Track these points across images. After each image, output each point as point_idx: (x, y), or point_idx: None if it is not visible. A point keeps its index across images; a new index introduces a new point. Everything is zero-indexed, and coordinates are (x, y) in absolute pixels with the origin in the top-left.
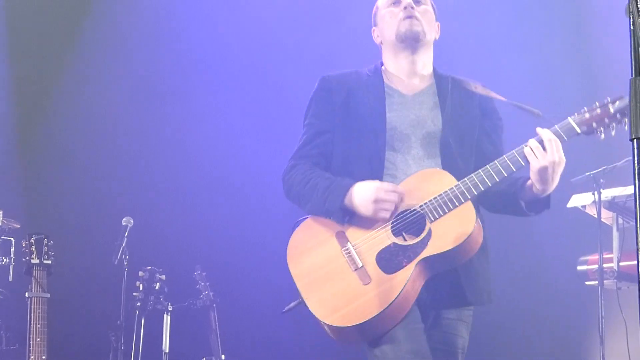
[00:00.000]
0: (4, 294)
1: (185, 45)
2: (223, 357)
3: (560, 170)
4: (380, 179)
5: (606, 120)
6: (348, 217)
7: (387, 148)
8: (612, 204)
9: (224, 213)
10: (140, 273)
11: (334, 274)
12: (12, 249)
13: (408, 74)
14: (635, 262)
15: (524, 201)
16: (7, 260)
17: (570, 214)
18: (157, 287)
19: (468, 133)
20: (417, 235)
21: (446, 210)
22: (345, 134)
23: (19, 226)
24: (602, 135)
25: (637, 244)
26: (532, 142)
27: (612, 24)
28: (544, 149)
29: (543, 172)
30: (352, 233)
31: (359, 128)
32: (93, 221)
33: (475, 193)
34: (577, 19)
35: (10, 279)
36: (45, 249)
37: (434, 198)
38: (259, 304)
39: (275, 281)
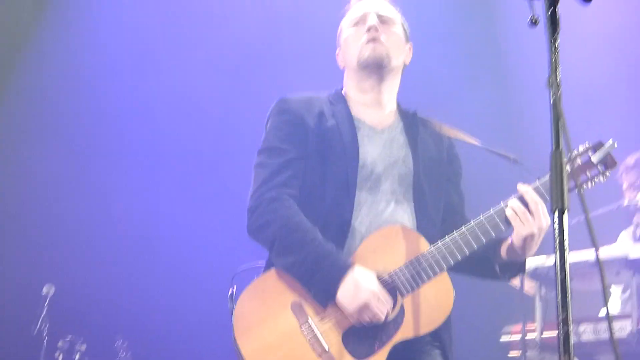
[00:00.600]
0: None
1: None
2: None
3: (543, 234)
4: (349, 223)
5: (587, 172)
6: (326, 299)
7: (357, 187)
8: (534, 274)
9: (147, 281)
10: (60, 343)
11: (295, 359)
12: None
13: (373, 104)
14: (555, 333)
15: (498, 265)
16: None
17: (492, 284)
18: (76, 358)
19: (437, 179)
20: (390, 312)
21: (420, 283)
22: (314, 164)
23: None
24: (583, 189)
25: (558, 315)
26: (516, 205)
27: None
28: (531, 213)
29: (529, 239)
30: (311, 302)
31: (330, 161)
32: (13, 286)
33: (452, 262)
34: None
35: None
36: None
37: (406, 266)
38: None
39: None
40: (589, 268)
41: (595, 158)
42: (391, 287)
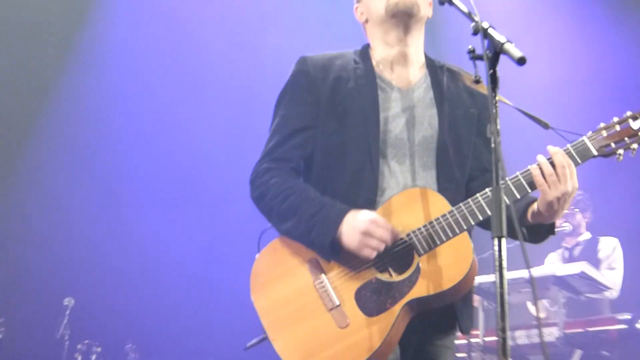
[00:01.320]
0: None
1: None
2: None
3: (572, 198)
4: (374, 193)
5: (627, 139)
6: (331, 251)
7: (381, 155)
8: (478, 289)
9: (152, 294)
10: (79, 346)
11: (306, 313)
12: None
13: (399, 59)
14: (495, 338)
15: (526, 228)
16: None
17: None
18: (93, 359)
19: (466, 137)
20: (404, 270)
21: (438, 243)
22: (330, 133)
23: None
24: (620, 157)
25: (497, 323)
26: (545, 166)
27: None
28: (557, 175)
29: (555, 202)
30: (325, 261)
31: (347, 128)
32: (41, 295)
33: (473, 223)
34: None
35: None
36: None
37: (424, 226)
38: None
39: (198, 349)
40: (523, 284)
41: (636, 125)
42: (408, 246)
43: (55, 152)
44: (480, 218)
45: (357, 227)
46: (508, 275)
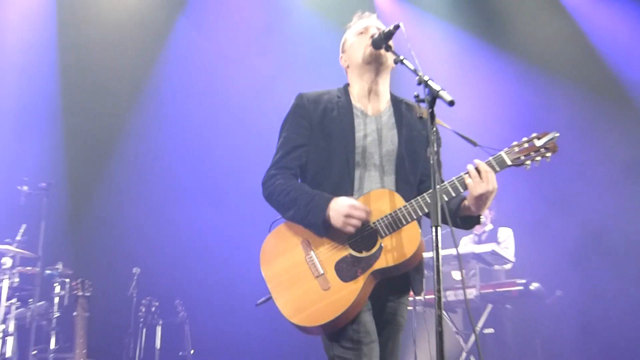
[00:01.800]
0: (61, 313)
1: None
2: (192, 351)
3: (493, 196)
4: (350, 194)
5: (532, 154)
6: (324, 230)
7: (356, 165)
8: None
9: (193, 265)
10: (143, 301)
11: (299, 279)
12: (67, 286)
13: (372, 94)
14: (433, 296)
15: (459, 218)
16: (64, 292)
17: None
18: (153, 310)
19: (418, 151)
20: (370, 249)
21: (395, 229)
22: (320, 149)
23: (72, 272)
24: (528, 167)
25: (434, 286)
26: (472, 172)
27: None
28: (481, 179)
29: (479, 198)
30: (315, 242)
31: (330, 143)
32: (116, 265)
33: (421, 214)
34: None
35: (66, 303)
36: (86, 286)
37: (385, 217)
38: (218, 319)
39: (225, 305)
40: (452, 259)
41: (539, 143)
42: (373, 231)
43: (132, 160)
44: (426, 211)
45: (340, 210)
46: (442, 252)
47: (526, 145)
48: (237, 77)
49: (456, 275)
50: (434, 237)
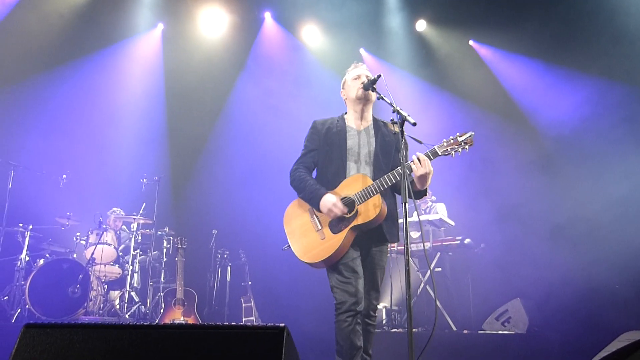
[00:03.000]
0: (167, 259)
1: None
2: (249, 282)
3: (430, 176)
4: (344, 177)
5: (456, 146)
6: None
7: (347, 160)
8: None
9: (250, 225)
10: (219, 251)
11: (306, 233)
12: (171, 241)
13: (359, 118)
14: (403, 247)
15: (413, 192)
16: (169, 245)
17: None
18: (225, 256)
19: (389, 151)
20: (351, 212)
21: (366, 198)
22: (324, 152)
23: (174, 232)
24: (453, 155)
25: (403, 242)
26: (415, 161)
27: None
28: (421, 165)
29: (421, 177)
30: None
31: (332, 149)
32: (202, 228)
33: (382, 189)
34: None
35: (171, 252)
36: (183, 241)
37: (360, 191)
38: (266, 262)
39: (269, 253)
40: (414, 224)
41: (460, 138)
42: (352, 200)
43: (212, 161)
44: (385, 187)
45: (326, 205)
46: (408, 219)
47: (452, 140)
48: (275, 110)
49: (414, 234)
50: (403, 210)
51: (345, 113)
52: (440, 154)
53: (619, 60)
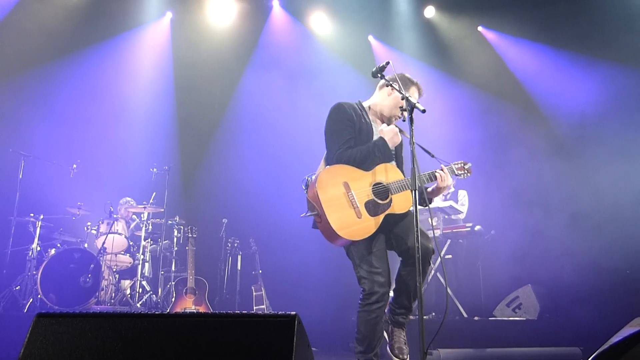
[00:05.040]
0: (178, 248)
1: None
2: (260, 271)
3: (445, 191)
4: (371, 168)
5: (463, 170)
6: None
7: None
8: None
9: (261, 214)
10: (229, 240)
11: (343, 207)
12: (182, 230)
13: (379, 119)
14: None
15: (424, 198)
16: (180, 235)
17: None
18: (235, 245)
19: (401, 152)
20: (385, 199)
21: (401, 190)
22: (357, 141)
23: (184, 221)
24: (462, 177)
25: (414, 231)
26: (441, 173)
27: None
28: (444, 178)
29: (441, 189)
30: (352, 185)
31: (360, 139)
32: (212, 217)
33: (412, 188)
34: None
35: (181, 241)
36: (194, 230)
37: (395, 182)
38: (275, 251)
39: (280, 242)
40: (424, 211)
41: (465, 166)
42: (387, 189)
43: (221, 151)
44: (418, 185)
45: (390, 130)
46: (419, 208)
47: (460, 165)
48: (284, 97)
49: (428, 221)
50: (413, 198)
51: (364, 102)
52: (456, 174)
53: (632, 44)
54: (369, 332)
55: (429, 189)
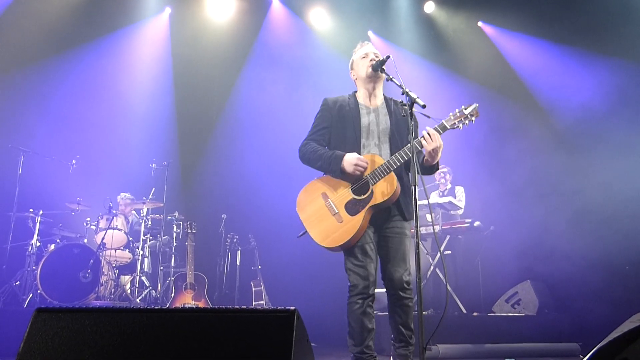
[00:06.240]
0: (177, 243)
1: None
2: (259, 266)
3: (440, 150)
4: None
5: (462, 119)
6: (340, 174)
7: (361, 138)
8: None
9: (260, 210)
10: (229, 235)
11: (323, 218)
12: (181, 226)
13: (370, 96)
14: (414, 230)
15: (423, 168)
16: (179, 230)
17: None
18: (235, 241)
19: (402, 129)
20: (365, 193)
21: (380, 178)
22: (337, 130)
23: (183, 217)
24: (460, 128)
25: (414, 224)
26: (425, 136)
27: None
28: (431, 139)
29: (431, 152)
30: (329, 193)
31: (345, 127)
32: (211, 213)
33: (395, 167)
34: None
35: (181, 237)
36: (193, 226)
37: (373, 171)
38: (275, 247)
39: (280, 238)
40: (423, 207)
41: (466, 110)
42: (366, 181)
43: (220, 147)
44: (396, 165)
45: (351, 161)
46: (418, 202)
47: (458, 113)
48: (283, 93)
49: (427, 217)
50: (413, 194)
51: (356, 92)
52: (449, 127)
53: (632, 37)
54: (356, 324)
55: (425, 157)
